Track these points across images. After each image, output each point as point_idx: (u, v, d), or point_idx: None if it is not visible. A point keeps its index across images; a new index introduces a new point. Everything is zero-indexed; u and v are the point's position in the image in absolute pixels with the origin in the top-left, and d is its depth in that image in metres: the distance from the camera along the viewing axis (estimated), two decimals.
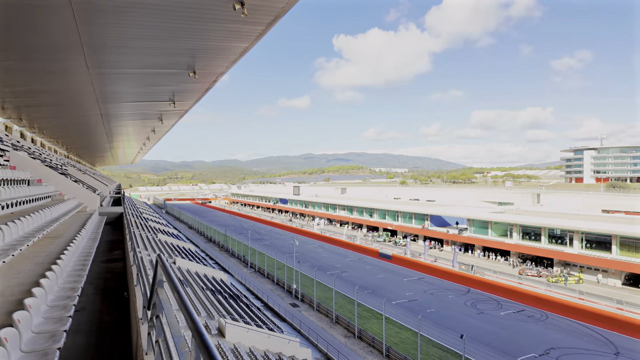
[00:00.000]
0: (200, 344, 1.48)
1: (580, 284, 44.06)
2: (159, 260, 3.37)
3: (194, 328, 1.61)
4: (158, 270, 3.48)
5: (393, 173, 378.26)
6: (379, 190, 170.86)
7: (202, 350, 1.44)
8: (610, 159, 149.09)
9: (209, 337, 1.70)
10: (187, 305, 2.03)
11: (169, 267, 3.09)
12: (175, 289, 2.46)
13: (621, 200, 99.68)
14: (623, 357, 25.61)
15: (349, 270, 50.41)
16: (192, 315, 1.81)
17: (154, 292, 3.39)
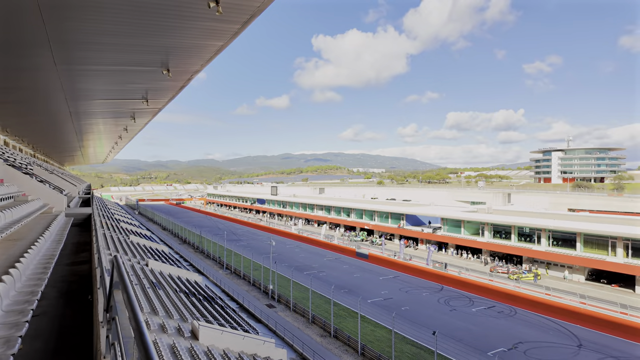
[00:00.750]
0: (139, 344, 1.48)
1: (539, 279, 45.72)
2: (114, 261, 3.31)
3: (136, 328, 1.61)
4: (114, 272, 3.42)
5: (370, 173, 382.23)
6: (357, 190, 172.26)
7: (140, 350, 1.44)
8: (576, 160, 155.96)
9: (182, 340, 1.70)
10: (133, 305, 2.02)
11: (122, 268, 3.05)
12: (124, 289, 2.43)
13: (586, 199, 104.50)
14: (585, 349, 26.85)
15: (326, 270, 50.60)
16: (137, 316, 1.81)
17: (111, 294, 3.33)
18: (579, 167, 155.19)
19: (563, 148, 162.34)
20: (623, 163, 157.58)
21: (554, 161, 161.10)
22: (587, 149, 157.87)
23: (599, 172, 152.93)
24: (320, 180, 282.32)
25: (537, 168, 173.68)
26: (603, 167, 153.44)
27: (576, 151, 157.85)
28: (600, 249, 45.15)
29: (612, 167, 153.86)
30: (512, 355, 25.70)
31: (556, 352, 26.27)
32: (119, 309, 2.87)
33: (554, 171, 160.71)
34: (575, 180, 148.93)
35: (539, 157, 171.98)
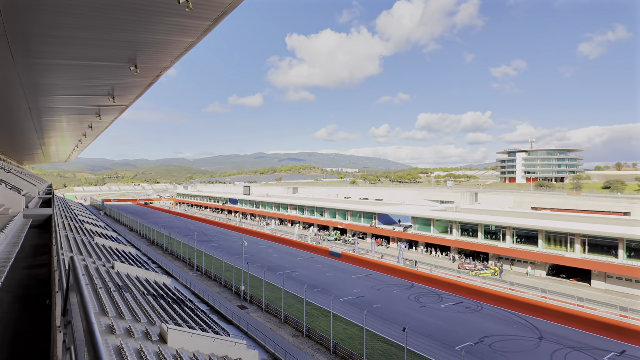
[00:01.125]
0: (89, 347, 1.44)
1: (496, 275, 47.41)
2: (71, 263, 3.19)
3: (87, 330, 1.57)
4: (70, 274, 3.30)
5: (344, 173, 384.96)
6: (331, 190, 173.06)
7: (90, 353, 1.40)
8: (538, 161, 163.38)
9: (150, 344, 1.67)
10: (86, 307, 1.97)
11: (79, 269, 2.95)
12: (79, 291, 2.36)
13: (547, 198, 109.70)
14: (546, 341, 28.20)
15: (299, 270, 50.56)
16: (89, 318, 1.76)
17: (67, 297, 3.20)
18: (542, 168, 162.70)
19: (527, 149, 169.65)
20: (581, 164, 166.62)
21: (518, 162, 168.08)
22: (548, 150, 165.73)
23: (560, 172, 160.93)
24: (294, 180, 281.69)
25: (502, 168, 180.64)
26: (563, 167, 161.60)
27: (539, 152, 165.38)
28: (560, 246, 47.54)
29: (572, 167, 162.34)
30: (478, 349, 26.62)
31: (519, 345, 27.44)
32: (76, 313, 2.77)
33: (519, 171, 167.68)
34: (538, 180, 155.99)
35: (504, 158, 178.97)
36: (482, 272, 47.37)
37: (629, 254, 41.88)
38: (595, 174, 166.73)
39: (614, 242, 42.96)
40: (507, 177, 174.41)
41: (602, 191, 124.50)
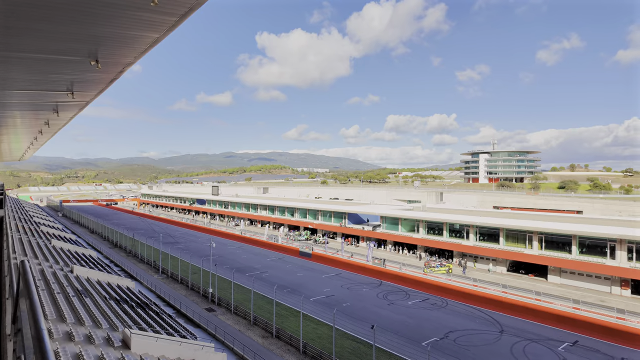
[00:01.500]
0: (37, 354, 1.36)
1: (450, 272, 48.99)
2: (20, 267, 3.02)
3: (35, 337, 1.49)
4: (20, 279, 3.12)
5: (315, 173, 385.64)
6: (301, 189, 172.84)
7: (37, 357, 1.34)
8: (500, 162, 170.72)
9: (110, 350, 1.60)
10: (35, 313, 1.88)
11: (29, 273, 2.80)
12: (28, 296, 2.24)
13: (508, 197, 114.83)
14: (506, 334, 29.54)
15: (269, 271, 50.19)
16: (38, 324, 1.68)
17: (17, 304, 3.02)
18: (502, 169, 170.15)
19: (489, 151, 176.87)
20: (539, 165, 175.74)
21: (481, 163, 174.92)
22: (509, 151, 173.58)
23: (519, 172, 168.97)
24: (264, 180, 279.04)
25: (466, 169, 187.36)
26: (522, 168, 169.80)
27: (500, 154, 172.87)
28: (520, 243, 49.91)
29: (530, 168, 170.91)
30: (443, 344, 27.48)
31: (481, 339, 28.58)
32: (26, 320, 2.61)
33: (481, 172, 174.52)
34: (499, 180, 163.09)
35: (468, 159, 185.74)
36: (436, 269, 48.76)
37: (581, 250, 44.60)
38: (552, 175, 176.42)
39: (567, 239, 45.61)
40: (470, 177, 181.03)
41: (557, 191, 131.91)
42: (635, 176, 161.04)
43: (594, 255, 43.33)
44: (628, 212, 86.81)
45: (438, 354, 25.08)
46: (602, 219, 56.62)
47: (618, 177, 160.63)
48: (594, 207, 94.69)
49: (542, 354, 25.98)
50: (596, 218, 57.80)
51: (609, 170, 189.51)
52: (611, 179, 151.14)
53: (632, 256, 40.49)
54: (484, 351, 26.33)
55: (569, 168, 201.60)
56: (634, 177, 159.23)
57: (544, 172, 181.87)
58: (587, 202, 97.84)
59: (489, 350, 26.44)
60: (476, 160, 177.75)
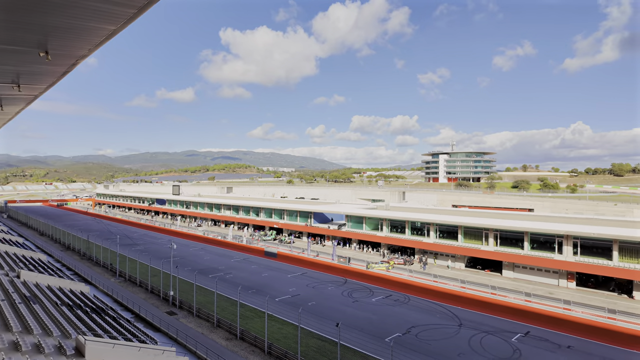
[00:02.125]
0: None
1: (391, 268, 50.38)
2: None
3: None
4: None
5: (280, 172, 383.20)
6: (267, 189, 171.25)
7: None
8: (458, 162, 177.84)
9: None
10: None
11: None
12: None
13: (466, 196, 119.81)
14: (464, 328, 30.85)
15: (233, 272, 49.35)
16: None
17: None
18: (461, 169, 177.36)
19: (448, 152, 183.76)
20: (494, 165, 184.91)
21: (440, 163, 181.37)
22: (467, 152, 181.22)
23: (476, 172, 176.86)
24: (228, 179, 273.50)
25: (427, 169, 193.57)
26: (479, 168, 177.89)
27: (458, 155, 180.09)
28: (477, 240, 52.27)
29: (486, 168, 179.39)
30: (405, 339, 28.26)
31: (441, 333, 29.67)
32: None
33: (441, 172, 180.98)
34: (458, 179, 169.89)
35: (428, 160, 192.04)
36: (376, 266, 50.01)
37: (532, 246, 47.41)
38: (506, 175, 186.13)
39: (520, 236, 48.32)
40: (431, 177, 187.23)
41: (511, 190, 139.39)
42: (580, 176, 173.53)
43: (544, 250, 46.21)
44: (574, 210, 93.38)
45: (400, 349, 25.75)
46: (550, 216, 60.47)
47: (565, 177, 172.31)
48: (543, 205, 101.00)
49: (497, 345, 27.37)
50: (545, 216, 61.64)
51: (557, 170, 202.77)
52: (559, 179, 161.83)
53: (577, 251, 43.58)
54: (444, 345, 27.35)
55: (522, 168, 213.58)
56: (579, 177, 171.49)
57: (499, 172, 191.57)
58: (537, 201, 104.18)
59: (448, 344, 27.49)
60: (436, 161, 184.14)
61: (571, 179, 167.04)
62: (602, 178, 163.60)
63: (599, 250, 42.71)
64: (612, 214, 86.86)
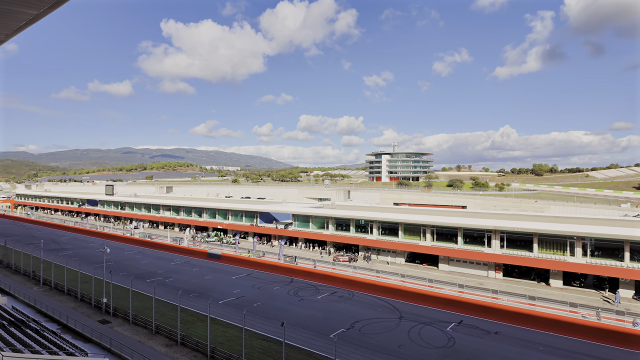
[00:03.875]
0: None
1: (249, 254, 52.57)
2: None
3: None
4: None
5: (225, 171, 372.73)
6: (210, 188, 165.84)
7: None
8: (399, 163, 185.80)
9: None
10: None
11: None
12: None
13: (406, 195, 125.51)
14: (404, 320, 32.36)
15: (173, 275, 47.20)
16: None
17: None
18: (402, 168, 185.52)
19: (390, 152, 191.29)
20: (432, 165, 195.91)
21: (383, 163, 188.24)
22: (407, 153, 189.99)
23: (415, 172, 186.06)
24: (168, 179, 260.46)
25: (371, 169, 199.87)
26: (418, 168, 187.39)
27: (399, 155, 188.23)
28: (415, 235, 55.02)
29: (424, 168, 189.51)
30: (349, 334, 28.99)
31: (383, 326, 30.86)
32: None
33: (384, 171, 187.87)
34: (399, 179, 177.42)
35: (372, 160, 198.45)
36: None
37: (465, 240, 50.93)
38: (442, 174, 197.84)
39: (454, 231, 51.70)
40: (374, 176, 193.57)
41: (446, 188, 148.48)
42: (507, 175, 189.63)
43: (475, 244, 49.88)
44: (501, 207, 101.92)
45: (344, 344, 26.37)
46: (481, 212, 65.42)
47: (494, 177, 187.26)
48: (475, 202, 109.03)
49: (434, 335, 29.07)
50: (476, 212, 66.55)
51: (487, 170, 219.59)
52: (489, 178, 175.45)
53: (503, 244, 47.59)
54: (386, 337, 28.48)
55: (456, 168, 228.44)
56: (506, 176, 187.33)
57: (436, 171, 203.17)
58: (470, 198, 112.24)
59: (389, 336, 28.67)
60: (379, 161, 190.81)
61: (499, 178, 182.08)
62: (525, 177, 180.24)
63: (522, 243, 47.05)
64: (533, 210, 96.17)
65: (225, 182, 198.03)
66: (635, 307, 36.20)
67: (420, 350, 26.28)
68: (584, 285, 42.98)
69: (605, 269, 40.00)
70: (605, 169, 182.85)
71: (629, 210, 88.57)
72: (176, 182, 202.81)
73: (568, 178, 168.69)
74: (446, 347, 26.85)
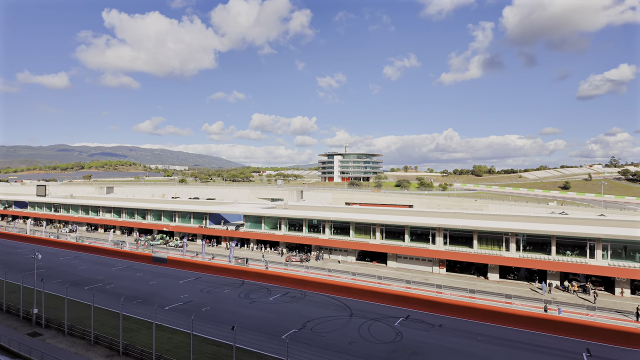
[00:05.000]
0: None
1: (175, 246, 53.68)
2: None
3: None
4: None
5: (172, 170, 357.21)
6: (155, 189, 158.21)
7: None
8: (350, 163, 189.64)
9: None
10: None
11: None
12: None
13: (357, 194, 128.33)
14: (355, 317, 33.08)
15: (114, 281, 44.42)
16: None
17: None
18: (353, 169, 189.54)
19: (342, 153, 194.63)
20: (381, 166, 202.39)
21: (335, 163, 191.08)
22: (358, 154, 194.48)
23: (366, 172, 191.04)
24: (109, 178, 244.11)
25: (323, 169, 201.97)
26: (368, 169, 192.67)
27: (351, 156, 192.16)
28: (366, 234, 56.46)
29: (374, 169, 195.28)
30: (301, 334, 29.08)
31: (334, 324, 31.32)
32: None
33: (336, 172, 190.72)
34: (350, 179, 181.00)
35: (324, 160, 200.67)
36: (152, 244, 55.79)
37: (412, 238, 53.16)
38: (391, 175, 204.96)
39: (402, 229, 53.75)
40: (327, 176, 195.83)
41: (395, 188, 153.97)
42: (449, 176, 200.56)
43: (421, 242, 52.22)
44: (444, 205, 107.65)
45: (296, 344, 26.41)
46: (426, 211, 68.65)
47: (438, 177, 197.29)
48: (421, 201, 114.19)
49: (382, 330, 30.03)
50: (422, 211, 69.75)
51: (431, 171, 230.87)
52: (433, 179, 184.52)
53: (446, 241, 50.29)
54: (337, 335, 28.93)
55: (404, 169, 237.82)
56: (449, 177, 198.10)
57: (385, 172, 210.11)
58: (416, 198, 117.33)
59: (340, 334, 29.17)
60: (331, 161, 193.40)
61: (443, 178, 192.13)
62: (466, 178, 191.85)
63: (463, 239, 50.05)
64: (473, 208, 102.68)
65: (171, 182, 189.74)
66: (561, 296, 39.99)
67: (370, 346, 27.03)
68: (518, 277, 46.66)
69: (535, 262, 43.74)
70: (536, 170, 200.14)
71: (555, 208, 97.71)
72: (118, 182, 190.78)
73: (504, 178, 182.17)
74: (394, 341, 27.85)
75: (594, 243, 41.82)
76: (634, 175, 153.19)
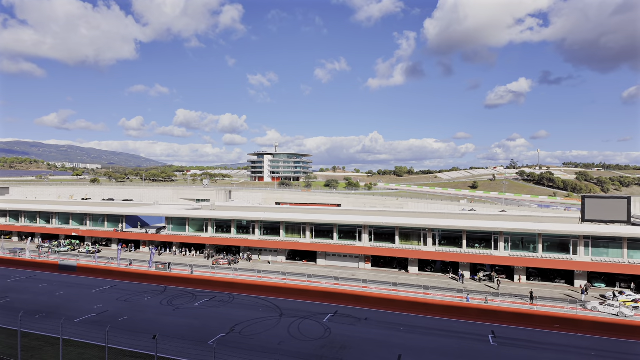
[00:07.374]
0: None
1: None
2: None
3: None
4: None
5: (82, 169, 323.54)
6: (62, 189, 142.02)
7: None
8: (281, 163, 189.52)
9: None
10: None
11: None
12: None
13: (287, 194, 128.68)
14: (285, 317, 33.14)
15: (11, 294, 38.98)
16: None
17: None
18: (283, 169, 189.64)
19: (272, 152, 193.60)
20: (311, 166, 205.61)
21: (265, 163, 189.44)
22: (288, 154, 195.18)
23: (296, 172, 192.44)
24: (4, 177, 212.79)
25: (253, 168, 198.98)
26: (299, 169, 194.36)
27: (281, 156, 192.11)
28: (296, 234, 56.86)
29: (305, 169, 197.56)
30: (229, 338, 28.33)
31: (264, 325, 31.04)
32: None
33: (266, 171, 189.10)
34: (281, 179, 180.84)
35: (254, 159, 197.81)
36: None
37: (340, 236, 54.78)
38: (320, 175, 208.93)
39: (330, 228, 55.14)
40: (257, 176, 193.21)
41: (324, 188, 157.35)
42: (374, 176, 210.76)
43: (348, 239, 54.09)
44: (370, 204, 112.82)
45: (224, 349, 25.67)
46: (353, 210, 71.32)
47: (364, 177, 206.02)
48: (348, 200, 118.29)
49: (312, 328, 30.51)
50: (349, 210, 72.34)
51: (358, 172, 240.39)
52: (360, 179, 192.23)
53: (372, 238, 52.74)
54: (266, 336, 28.72)
55: (332, 169, 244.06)
56: (373, 177, 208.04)
57: (315, 172, 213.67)
58: (344, 197, 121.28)
59: (270, 335, 29.01)
60: (261, 161, 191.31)
61: (368, 178, 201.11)
62: (389, 178, 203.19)
63: (387, 236, 52.94)
64: (395, 206, 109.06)
65: (82, 182, 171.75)
66: (471, 285, 44.32)
67: (300, 344, 27.30)
68: (434, 270, 50.68)
69: (449, 255, 47.90)
70: (449, 172, 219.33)
71: (465, 205, 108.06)
72: (15, 182, 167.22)
73: (422, 179, 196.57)
74: (323, 337, 28.48)
75: (497, 236, 47.08)
76: (528, 176, 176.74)
